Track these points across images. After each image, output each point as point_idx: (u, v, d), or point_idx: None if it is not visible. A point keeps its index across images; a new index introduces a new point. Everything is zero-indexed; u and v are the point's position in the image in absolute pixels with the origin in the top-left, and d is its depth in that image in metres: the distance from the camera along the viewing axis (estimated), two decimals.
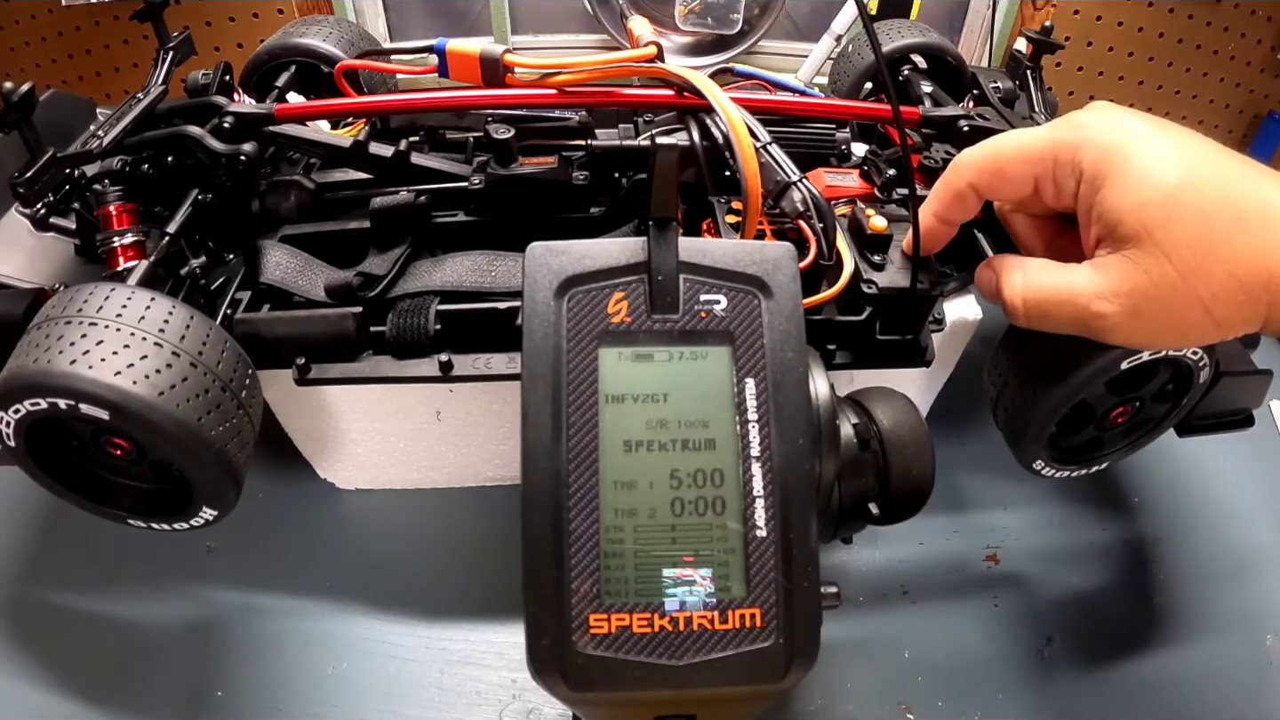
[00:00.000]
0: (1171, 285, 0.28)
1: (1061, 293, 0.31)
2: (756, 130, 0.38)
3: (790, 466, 0.24)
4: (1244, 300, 0.28)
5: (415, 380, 0.39)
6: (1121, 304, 0.29)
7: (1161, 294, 0.29)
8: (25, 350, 0.32)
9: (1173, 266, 0.28)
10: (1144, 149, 0.29)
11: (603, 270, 0.25)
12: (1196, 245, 0.28)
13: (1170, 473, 0.54)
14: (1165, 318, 0.29)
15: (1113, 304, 0.30)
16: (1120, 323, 0.30)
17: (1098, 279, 0.30)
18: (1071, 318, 0.31)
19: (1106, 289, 0.30)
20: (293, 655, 0.43)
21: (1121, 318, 0.30)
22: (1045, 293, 0.32)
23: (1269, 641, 0.46)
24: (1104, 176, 0.30)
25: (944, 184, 0.35)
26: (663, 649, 0.23)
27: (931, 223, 0.35)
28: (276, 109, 0.42)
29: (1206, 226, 0.28)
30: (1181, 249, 0.28)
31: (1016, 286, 0.32)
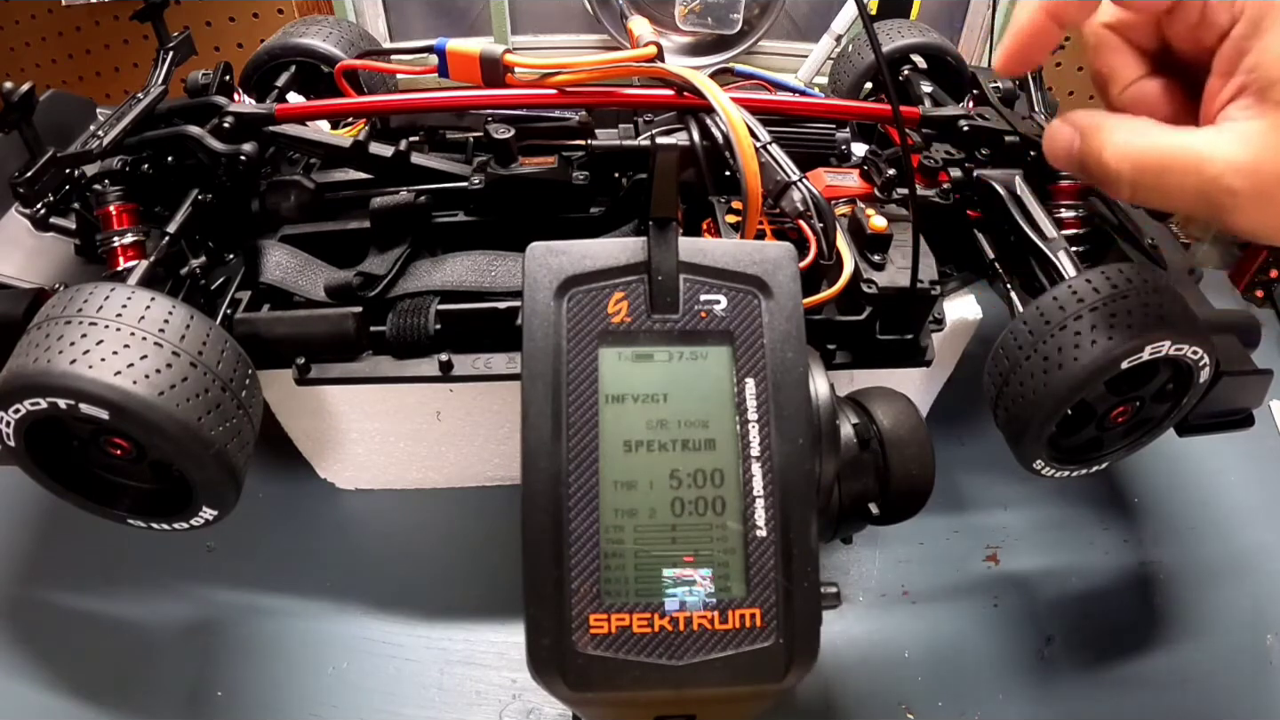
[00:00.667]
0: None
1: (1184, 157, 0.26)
2: (756, 130, 0.38)
3: (790, 466, 0.24)
4: None
5: (415, 380, 0.39)
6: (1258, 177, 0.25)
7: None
8: (25, 350, 0.32)
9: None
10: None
11: (603, 270, 0.25)
12: None
13: (1170, 473, 0.54)
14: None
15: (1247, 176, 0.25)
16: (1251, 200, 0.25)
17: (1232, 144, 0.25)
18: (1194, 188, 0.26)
19: (1243, 158, 0.25)
20: (293, 655, 0.43)
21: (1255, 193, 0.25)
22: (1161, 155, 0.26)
23: (1269, 641, 0.46)
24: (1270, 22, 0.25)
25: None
26: (663, 649, 0.23)
27: (1038, 17, 0.29)
28: (276, 109, 0.42)
29: None
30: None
31: (1119, 145, 0.27)
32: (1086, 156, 0.28)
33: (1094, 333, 0.35)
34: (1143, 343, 0.34)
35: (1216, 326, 0.38)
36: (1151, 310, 0.35)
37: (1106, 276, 0.36)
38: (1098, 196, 0.46)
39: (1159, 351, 0.35)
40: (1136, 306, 0.35)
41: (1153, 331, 0.34)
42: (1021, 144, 0.44)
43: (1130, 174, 0.27)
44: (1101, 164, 0.27)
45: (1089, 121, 0.28)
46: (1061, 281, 0.39)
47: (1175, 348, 0.35)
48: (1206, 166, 0.25)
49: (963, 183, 0.44)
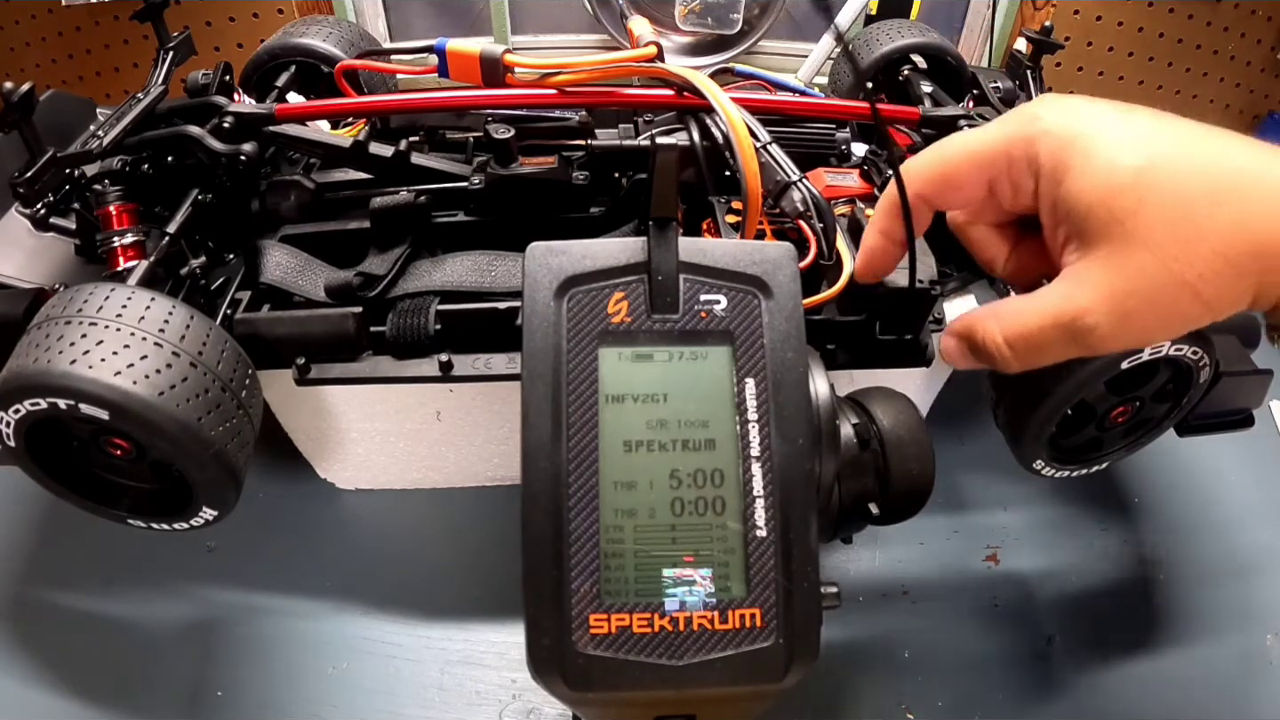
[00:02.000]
0: (1155, 276, 0.26)
1: (1045, 320, 0.28)
2: (756, 130, 0.38)
3: (790, 466, 0.24)
4: (1232, 276, 0.26)
5: (415, 380, 0.39)
6: (1108, 310, 0.27)
7: (1146, 287, 0.27)
8: (25, 350, 0.32)
9: (1153, 255, 0.26)
10: (1105, 134, 0.27)
11: (603, 270, 0.25)
12: (1175, 227, 0.26)
13: (1170, 473, 0.54)
14: (1155, 312, 0.27)
15: (1099, 314, 0.27)
16: (1111, 330, 0.27)
17: (1077, 292, 0.28)
18: (1063, 341, 0.28)
19: (1088, 300, 0.27)
20: (293, 655, 0.43)
21: (1111, 325, 0.27)
22: (1028, 328, 0.29)
23: (1269, 641, 0.46)
24: (1065, 168, 0.27)
25: (888, 198, 0.31)
26: (663, 649, 0.23)
27: (878, 241, 0.32)
28: (276, 109, 0.42)
29: (1183, 205, 0.26)
30: (1158, 234, 0.26)
31: (995, 337, 0.30)
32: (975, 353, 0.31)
33: None
34: None
35: (1216, 327, 0.38)
36: None
37: None
38: None
39: (1158, 351, 0.35)
40: None
41: None
42: None
43: (1012, 354, 0.29)
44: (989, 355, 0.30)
45: (964, 326, 0.31)
46: None
47: (1175, 348, 0.35)
48: (1064, 319, 0.28)
49: None
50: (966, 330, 0.31)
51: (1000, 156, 0.29)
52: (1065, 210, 0.28)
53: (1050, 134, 0.28)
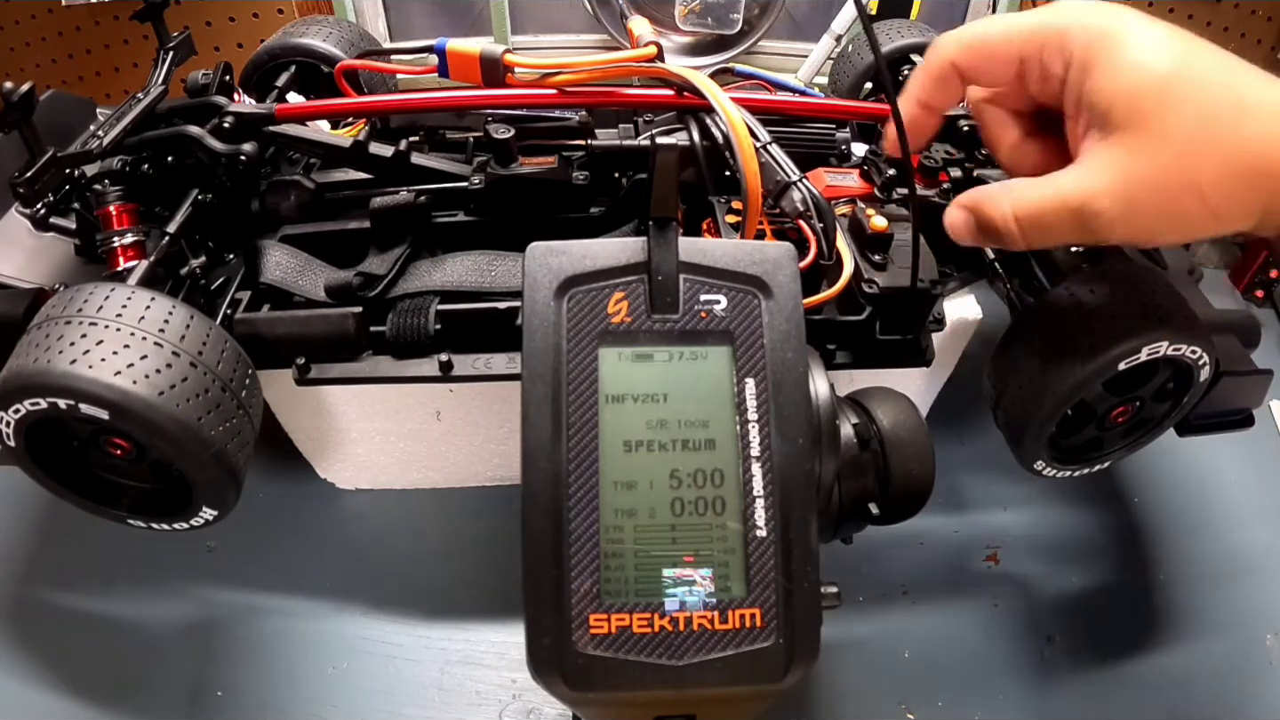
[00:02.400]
0: (1167, 171, 0.27)
1: (1054, 200, 0.29)
2: (756, 130, 0.38)
3: (790, 466, 0.24)
4: (1242, 189, 0.27)
5: (415, 380, 0.39)
6: (1117, 195, 0.28)
7: (1157, 181, 0.27)
8: (25, 350, 0.32)
9: (1168, 150, 0.27)
10: (1136, 35, 0.28)
11: (603, 270, 0.25)
12: (1195, 128, 0.27)
13: (1170, 473, 0.54)
14: (1162, 206, 0.28)
15: (1109, 197, 0.28)
16: (1118, 216, 0.28)
17: (1090, 175, 0.29)
18: (1070, 223, 0.29)
19: (1100, 183, 0.28)
20: (293, 655, 0.43)
21: (1119, 210, 0.28)
22: (1037, 204, 0.30)
23: (1269, 641, 0.46)
24: (1094, 61, 0.29)
25: (925, 66, 0.33)
26: (663, 649, 0.23)
27: (914, 109, 0.34)
28: (276, 109, 0.42)
29: (1204, 113, 0.27)
30: (1177, 134, 0.27)
31: (1004, 209, 0.31)
32: (982, 229, 0.32)
33: (1093, 333, 0.35)
34: (1142, 343, 0.34)
35: (1216, 326, 0.38)
36: (1151, 310, 0.35)
37: (1106, 276, 0.36)
38: None
39: (1158, 352, 0.35)
40: (1136, 307, 0.35)
41: (1152, 331, 0.34)
42: None
43: (1018, 228, 0.31)
44: (996, 230, 0.31)
45: (972, 199, 0.32)
46: (1061, 281, 0.39)
47: (1175, 348, 0.35)
48: (1073, 200, 0.29)
49: (963, 183, 0.44)
50: (975, 204, 0.32)
51: (1035, 39, 0.30)
52: (1090, 101, 0.29)
53: (1084, 26, 0.29)
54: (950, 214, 0.33)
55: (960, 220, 0.33)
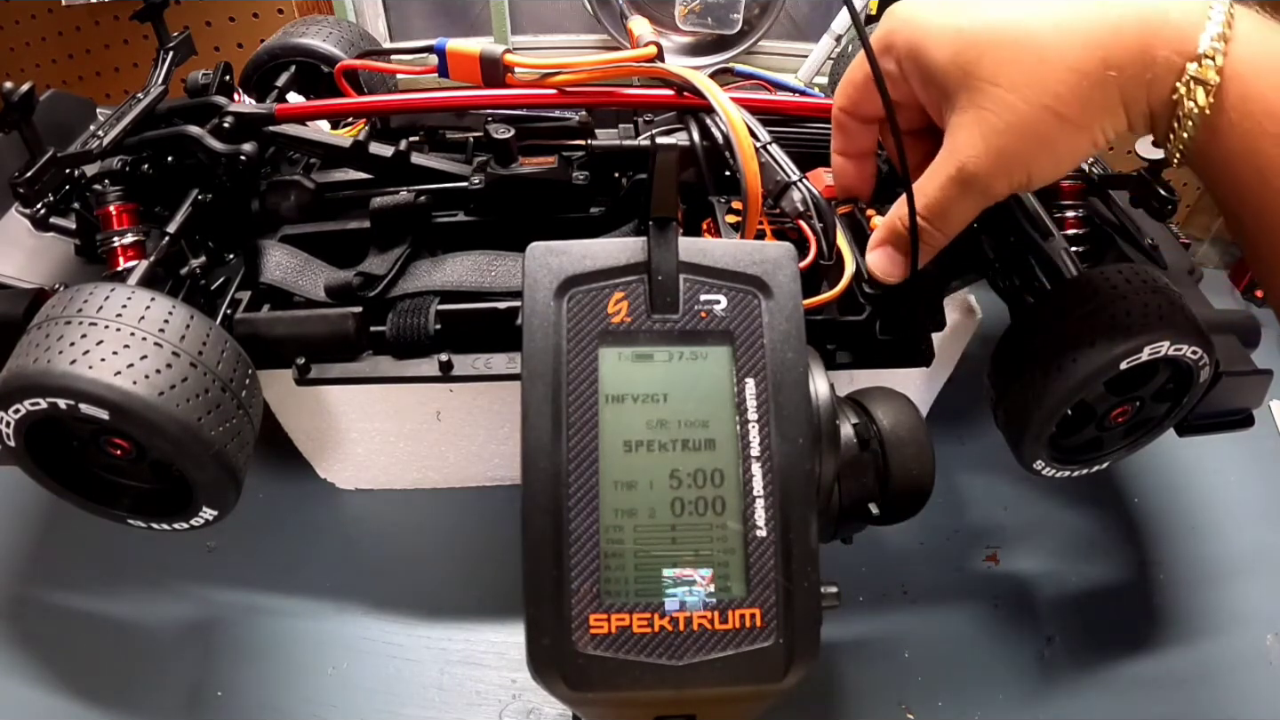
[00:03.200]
0: (1013, 108, 0.28)
1: (940, 181, 0.31)
2: (756, 130, 0.38)
3: (790, 466, 0.24)
4: (1089, 89, 0.27)
5: (415, 380, 0.38)
6: (984, 150, 0.29)
7: (1011, 120, 0.28)
8: (25, 350, 0.32)
9: (1006, 91, 0.28)
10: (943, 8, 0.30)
11: (603, 270, 0.25)
12: (1019, 62, 0.28)
13: (1170, 473, 0.54)
14: (1025, 142, 0.29)
15: (976, 156, 0.29)
16: (993, 169, 0.29)
17: (955, 144, 0.30)
18: (961, 194, 0.31)
19: (965, 145, 0.29)
20: (293, 655, 0.43)
21: (990, 162, 0.29)
22: (931, 194, 0.31)
23: (1269, 641, 0.46)
24: (918, 46, 0.30)
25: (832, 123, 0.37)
26: (663, 649, 0.23)
27: (837, 162, 0.38)
28: (276, 109, 0.42)
29: (1024, 41, 0.28)
30: (1006, 72, 0.28)
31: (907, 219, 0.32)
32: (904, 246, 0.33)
33: (1093, 333, 0.35)
34: (1142, 343, 0.34)
35: (1216, 326, 0.38)
36: (1151, 310, 0.35)
37: (1106, 276, 0.36)
38: (1098, 196, 0.46)
39: (1158, 352, 0.35)
40: (1136, 306, 0.35)
41: (1152, 332, 0.34)
42: None
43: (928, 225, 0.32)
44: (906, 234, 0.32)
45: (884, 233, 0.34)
46: (1061, 282, 0.39)
47: (1175, 348, 0.35)
48: (951, 172, 0.30)
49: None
50: (888, 233, 0.34)
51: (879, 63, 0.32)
52: (927, 80, 0.31)
53: (902, 21, 0.31)
54: (871, 260, 0.35)
55: (882, 257, 0.34)
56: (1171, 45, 0.26)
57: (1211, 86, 0.26)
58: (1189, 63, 0.26)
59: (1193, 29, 0.26)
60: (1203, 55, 0.26)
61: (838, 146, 0.37)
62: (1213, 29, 0.26)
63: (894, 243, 0.34)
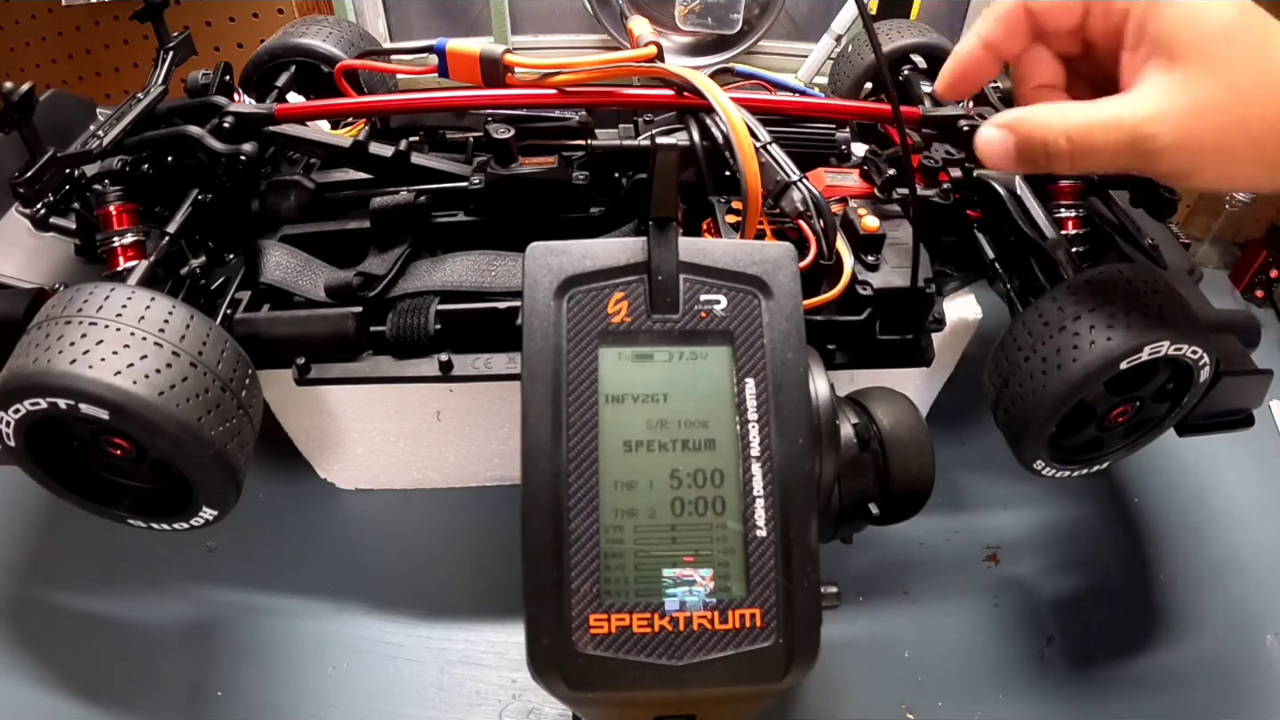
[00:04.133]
0: (1225, 105, 0.28)
1: (1111, 120, 0.29)
2: (756, 130, 0.38)
3: (790, 466, 0.24)
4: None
5: (415, 380, 0.39)
6: (1174, 122, 0.28)
7: (1215, 112, 0.28)
8: (25, 350, 0.32)
9: (1229, 86, 0.27)
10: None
11: (603, 270, 0.25)
12: (1257, 71, 0.27)
13: (1170, 473, 0.54)
14: (1215, 141, 0.28)
15: (1165, 122, 0.28)
16: (1170, 144, 0.28)
17: (1149, 99, 0.29)
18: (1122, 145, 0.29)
19: (1158, 107, 0.28)
20: (293, 655, 0.43)
21: (1173, 137, 0.28)
22: (1091, 124, 0.29)
23: (1269, 641, 0.46)
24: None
25: (995, 7, 0.33)
26: (663, 649, 0.23)
27: (977, 50, 0.33)
28: (276, 109, 0.42)
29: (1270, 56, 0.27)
30: (1241, 70, 0.27)
31: (1055, 125, 0.30)
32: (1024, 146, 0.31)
33: (1093, 333, 0.35)
34: (1142, 343, 0.34)
35: (1216, 326, 0.38)
36: (1151, 310, 0.35)
37: (1106, 277, 0.36)
38: (1098, 196, 0.46)
39: (1158, 352, 0.35)
40: (1136, 306, 0.35)
41: (1152, 331, 0.34)
42: None
43: (1068, 144, 0.30)
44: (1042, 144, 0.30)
45: (1015, 117, 0.31)
46: (1061, 282, 0.39)
47: (1175, 348, 0.35)
48: (1129, 121, 0.29)
49: (963, 183, 0.44)
50: (1017, 121, 0.31)
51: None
52: (1155, 28, 0.29)
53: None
54: (984, 134, 0.32)
55: (996, 140, 0.31)
56: None
57: None
58: None
59: None
60: None
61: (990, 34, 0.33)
62: None
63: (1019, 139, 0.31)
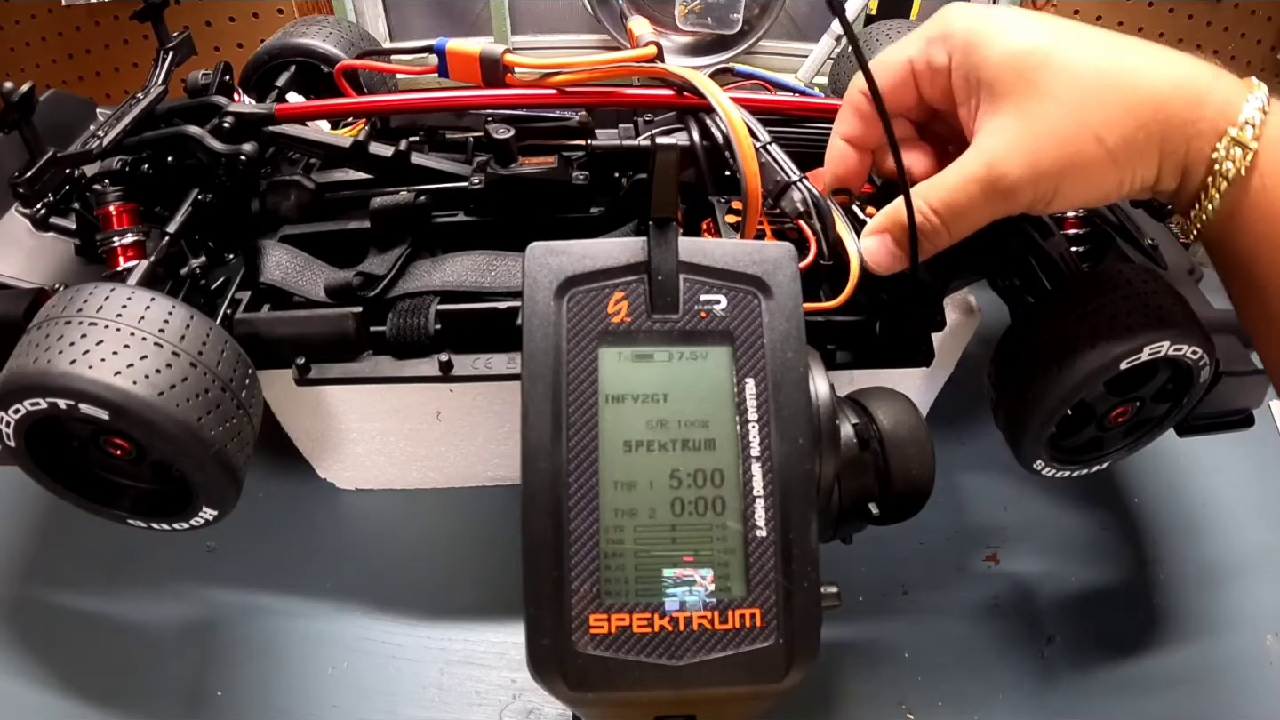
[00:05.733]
0: (1061, 122, 0.28)
1: (961, 178, 0.30)
2: (756, 130, 0.38)
3: (790, 466, 0.24)
4: (1136, 132, 0.28)
5: (415, 380, 0.38)
6: (1019, 154, 0.29)
7: (1054, 132, 0.28)
8: (25, 350, 0.32)
9: (1058, 104, 0.28)
10: (1013, 14, 0.30)
11: (603, 270, 0.25)
12: (1078, 82, 0.28)
13: (1170, 473, 0.54)
14: (1064, 157, 0.29)
15: (1011, 159, 0.29)
16: (1023, 175, 0.29)
17: (990, 143, 0.30)
18: (982, 196, 0.30)
19: (1001, 147, 0.29)
20: (293, 655, 0.43)
21: (1023, 169, 0.29)
22: (947, 190, 0.30)
23: (1269, 641, 0.46)
24: (976, 39, 0.30)
25: (844, 102, 0.35)
26: (663, 649, 0.23)
27: (843, 150, 0.35)
28: (276, 109, 0.42)
29: (1088, 65, 0.28)
30: (1064, 86, 0.28)
31: (921, 207, 0.31)
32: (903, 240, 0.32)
33: (1093, 333, 0.35)
34: (1142, 343, 0.34)
35: (1216, 326, 0.38)
36: (1151, 310, 0.35)
37: (1106, 276, 0.36)
38: None
39: (1158, 352, 0.35)
40: (1136, 307, 0.35)
41: (1152, 332, 0.34)
42: None
43: (938, 219, 0.31)
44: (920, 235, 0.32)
45: (882, 217, 0.33)
46: (1061, 281, 0.39)
47: (1175, 348, 0.35)
48: (979, 171, 0.30)
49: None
50: (886, 222, 0.33)
51: (921, 41, 0.32)
52: (976, 77, 0.30)
53: (962, 15, 0.31)
54: (866, 246, 0.34)
55: (876, 248, 0.33)
56: (1218, 109, 0.28)
57: (1249, 149, 0.28)
58: (1230, 126, 0.28)
59: (1238, 98, 0.28)
60: (1245, 122, 0.28)
61: (846, 131, 0.35)
62: (1255, 102, 0.28)
63: (895, 233, 0.33)
